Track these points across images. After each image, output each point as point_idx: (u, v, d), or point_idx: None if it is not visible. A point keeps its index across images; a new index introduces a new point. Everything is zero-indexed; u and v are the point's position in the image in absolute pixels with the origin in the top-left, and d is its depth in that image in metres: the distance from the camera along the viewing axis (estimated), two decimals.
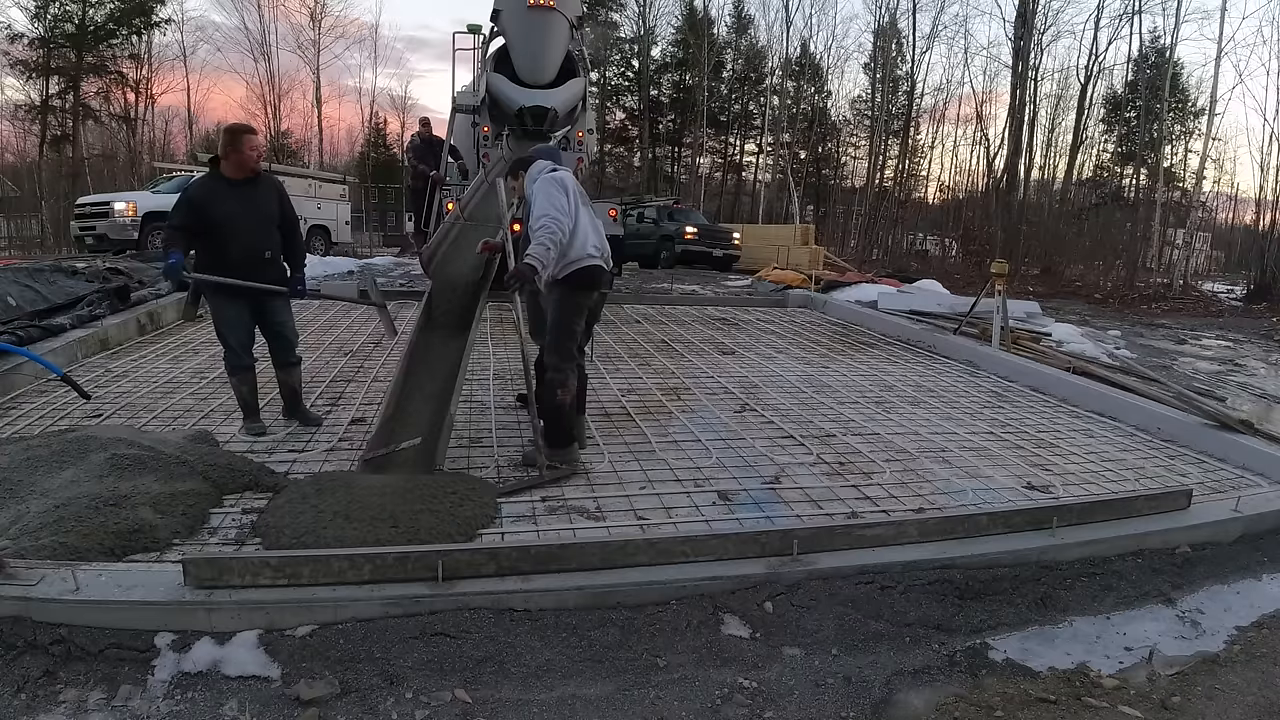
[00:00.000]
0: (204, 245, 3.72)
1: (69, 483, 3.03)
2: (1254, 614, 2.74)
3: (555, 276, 3.52)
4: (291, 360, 4.08)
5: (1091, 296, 15.98)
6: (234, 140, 3.68)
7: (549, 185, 3.53)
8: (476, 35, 10.77)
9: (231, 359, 3.89)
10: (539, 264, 3.36)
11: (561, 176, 3.62)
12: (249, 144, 3.71)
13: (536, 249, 3.37)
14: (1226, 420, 4.44)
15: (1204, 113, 23.48)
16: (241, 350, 3.88)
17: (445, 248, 5.72)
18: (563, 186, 3.55)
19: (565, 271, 3.54)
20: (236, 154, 3.67)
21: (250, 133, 3.78)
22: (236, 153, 3.67)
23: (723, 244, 17.34)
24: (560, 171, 3.68)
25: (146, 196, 14.19)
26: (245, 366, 3.91)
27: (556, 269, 3.50)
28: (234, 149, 3.67)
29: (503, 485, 3.38)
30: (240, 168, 3.70)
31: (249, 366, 3.92)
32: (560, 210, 3.45)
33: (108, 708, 1.98)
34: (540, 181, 3.58)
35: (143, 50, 28.98)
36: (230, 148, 3.67)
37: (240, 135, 3.70)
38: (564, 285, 3.58)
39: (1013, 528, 2.96)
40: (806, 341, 7.56)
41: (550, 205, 3.44)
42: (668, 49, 38.21)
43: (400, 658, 2.18)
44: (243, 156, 3.68)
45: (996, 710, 2.13)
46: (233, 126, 3.80)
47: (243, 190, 3.71)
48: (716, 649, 2.33)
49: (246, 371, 3.92)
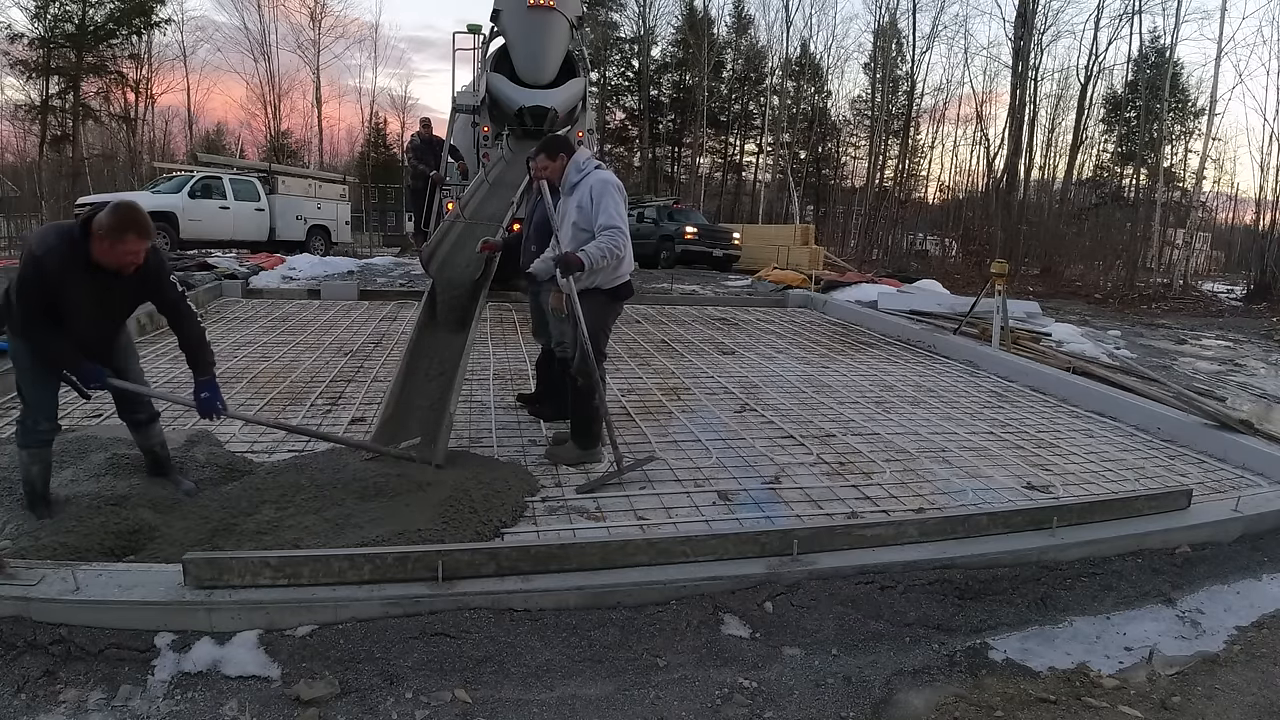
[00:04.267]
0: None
1: (69, 483, 3.04)
2: (1254, 614, 2.74)
3: (602, 286, 3.58)
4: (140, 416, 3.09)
5: (1091, 296, 15.98)
6: (117, 233, 2.53)
7: (615, 192, 3.53)
8: (476, 35, 10.78)
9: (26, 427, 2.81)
10: (590, 265, 3.41)
11: (619, 183, 3.63)
12: (130, 246, 2.57)
13: (595, 252, 3.41)
14: (1226, 420, 4.44)
15: (1204, 113, 23.49)
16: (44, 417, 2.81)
17: (445, 247, 5.73)
18: (623, 196, 3.60)
19: (613, 283, 3.62)
20: (115, 249, 2.56)
21: (139, 234, 2.58)
22: (115, 246, 2.56)
23: (723, 244, 17.33)
24: (611, 173, 3.67)
25: (146, 196, 14.22)
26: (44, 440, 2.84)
27: (605, 279, 3.56)
28: (118, 240, 2.54)
29: (583, 485, 3.46)
30: (112, 263, 2.61)
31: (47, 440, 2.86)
32: (625, 223, 3.51)
33: (108, 708, 1.98)
34: (606, 185, 3.53)
35: (143, 50, 28.97)
36: (109, 235, 2.53)
37: (125, 234, 2.54)
38: (607, 295, 3.64)
39: (1013, 528, 2.96)
40: (806, 341, 7.56)
41: (618, 216, 3.49)
42: (668, 49, 38.30)
43: (400, 658, 2.18)
44: (121, 256, 2.59)
45: (996, 710, 2.13)
46: (121, 216, 2.54)
47: (109, 278, 2.65)
48: (716, 649, 2.33)
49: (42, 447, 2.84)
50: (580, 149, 3.73)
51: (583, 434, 3.73)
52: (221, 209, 14.73)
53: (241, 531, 2.79)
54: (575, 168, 3.63)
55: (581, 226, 3.54)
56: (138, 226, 2.57)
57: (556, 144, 3.76)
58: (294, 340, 6.48)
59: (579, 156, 3.67)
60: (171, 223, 13.75)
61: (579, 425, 3.73)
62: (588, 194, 3.53)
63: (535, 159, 3.73)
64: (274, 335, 6.67)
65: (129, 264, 2.62)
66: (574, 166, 3.63)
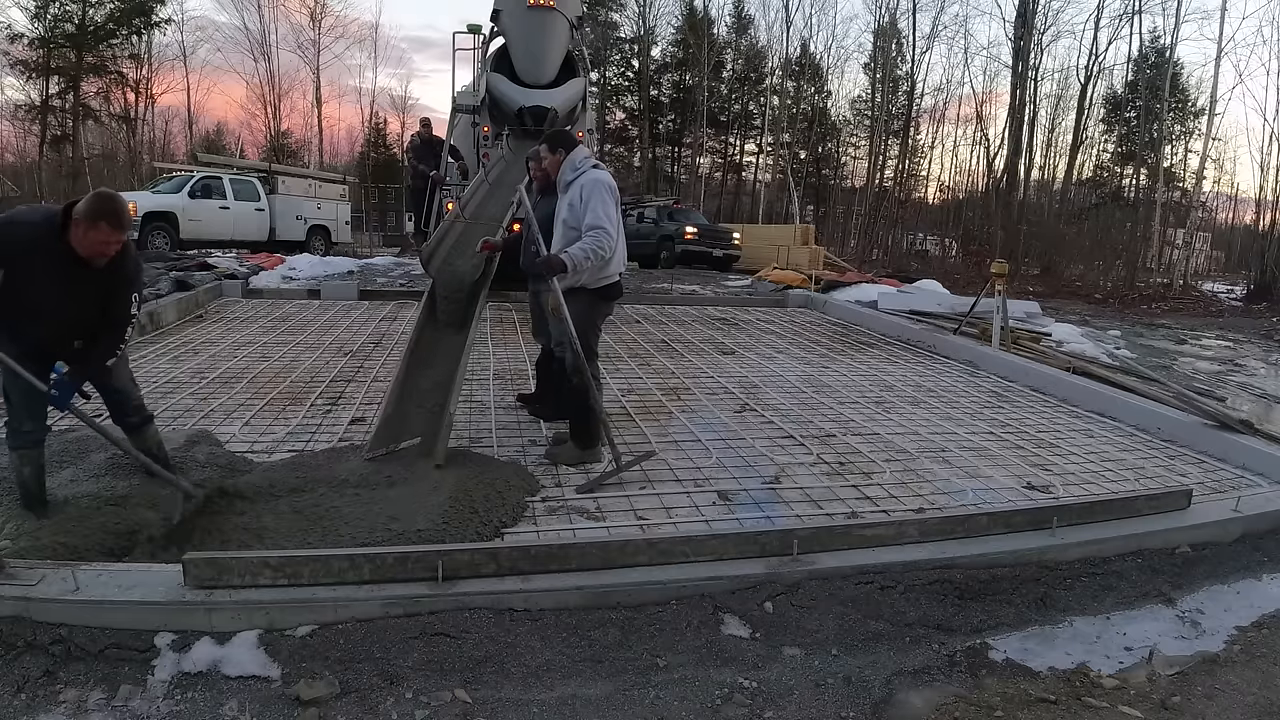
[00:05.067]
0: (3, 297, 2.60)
1: (68, 483, 3.04)
2: (1254, 614, 2.74)
3: (587, 286, 3.58)
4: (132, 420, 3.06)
5: (1091, 296, 15.99)
6: (92, 218, 2.51)
7: (605, 193, 3.52)
8: (477, 35, 10.79)
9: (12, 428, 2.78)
10: (572, 266, 3.41)
11: (611, 183, 3.61)
12: (102, 234, 2.53)
13: (578, 253, 3.41)
14: (1226, 420, 4.44)
15: (1204, 113, 23.51)
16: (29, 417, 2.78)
17: (445, 247, 5.73)
18: (614, 196, 3.58)
19: (599, 284, 3.62)
20: (89, 235, 2.53)
21: (112, 223, 2.54)
22: (88, 233, 2.53)
23: (723, 244, 17.32)
24: (606, 173, 3.66)
25: (146, 196, 14.23)
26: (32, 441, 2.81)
27: (590, 279, 3.56)
28: (91, 226, 2.51)
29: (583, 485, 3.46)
30: (85, 250, 2.57)
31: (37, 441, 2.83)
32: (612, 224, 3.50)
33: (108, 708, 1.98)
34: (596, 185, 3.52)
35: (143, 50, 29.03)
36: (84, 219, 2.51)
37: (98, 220, 2.51)
38: (594, 294, 3.65)
39: (1013, 528, 2.96)
40: (806, 341, 7.56)
41: (605, 217, 3.47)
42: (668, 49, 38.30)
43: (400, 658, 2.18)
44: (93, 244, 2.55)
45: (996, 710, 2.13)
46: (99, 202, 2.53)
47: (80, 271, 2.61)
48: (716, 649, 2.33)
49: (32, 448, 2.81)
50: (579, 147, 3.72)
51: (581, 434, 3.74)
52: (221, 209, 14.73)
53: (237, 530, 2.79)
54: (570, 166, 3.63)
55: (571, 225, 3.55)
56: (112, 215, 2.53)
57: (557, 139, 3.76)
58: (294, 340, 6.47)
59: (575, 155, 3.66)
60: (171, 223, 13.76)
61: (577, 425, 3.74)
62: (579, 193, 3.53)
63: (535, 152, 3.72)
64: (274, 335, 6.67)
65: (99, 253, 2.57)
66: (569, 165, 3.63)
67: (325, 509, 2.98)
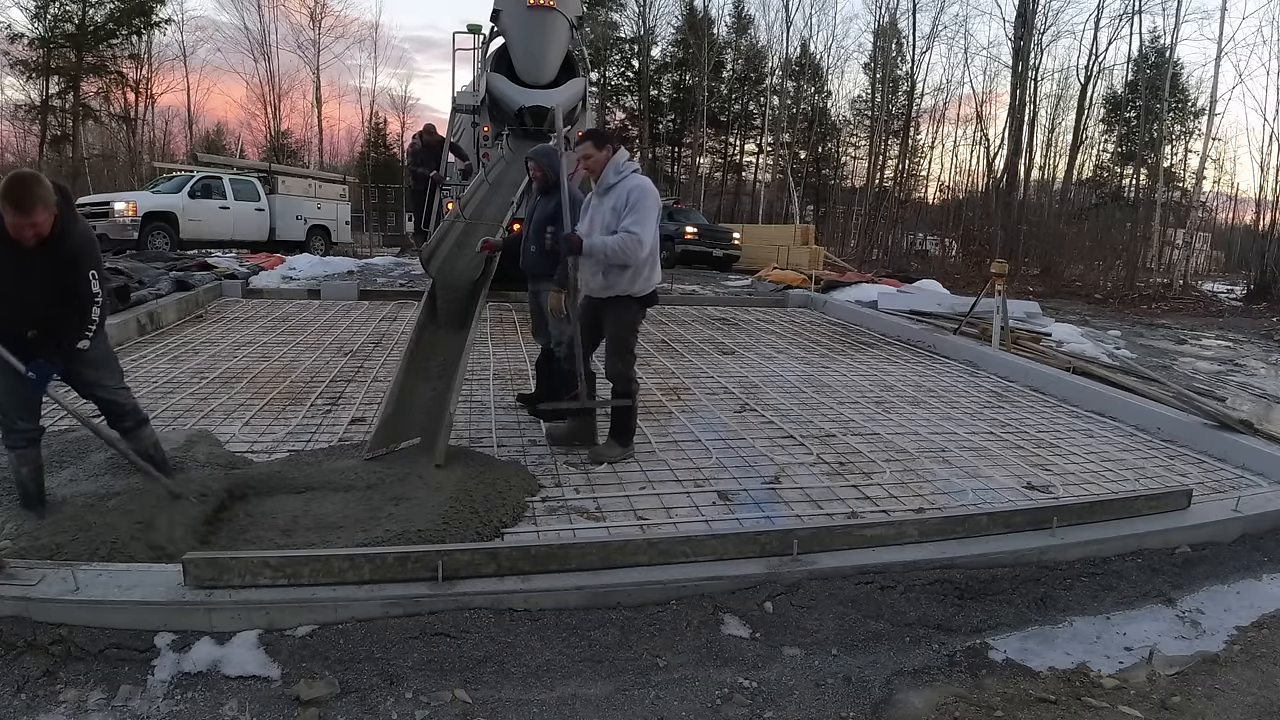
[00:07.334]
0: None
1: (68, 482, 3.04)
2: (1254, 614, 2.74)
3: (634, 294, 3.66)
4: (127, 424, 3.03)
5: (1091, 296, 15.99)
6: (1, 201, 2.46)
7: (653, 204, 3.57)
8: (477, 35, 10.80)
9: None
10: (588, 250, 3.49)
11: (658, 194, 3.68)
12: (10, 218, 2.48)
13: (600, 244, 3.48)
14: (1226, 420, 4.44)
15: (1204, 113, 23.50)
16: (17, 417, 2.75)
17: (445, 247, 5.73)
18: (659, 208, 3.65)
19: (645, 290, 3.70)
20: (6, 219, 2.49)
21: (15, 208, 2.46)
22: (5, 216, 2.49)
23: (723, 244, 17.34)
24: (649, 181, 3.68)
25: (146, 196, 14.23)
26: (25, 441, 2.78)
27: (635, 287, 3.62)
28: (3, 210, 2.47)
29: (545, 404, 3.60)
30: (11, 233, 2.54)
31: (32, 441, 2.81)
32: (648, 238, 3.53)
33: (108, 708, 1.98)
34: (645, 194, 3.54)
35: (143, 50, 29.04)
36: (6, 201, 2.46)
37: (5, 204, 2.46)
38: (640, 302, 3.74)
39: (1013, 528, 2.96)
40: (806, 341, 7.56)
41: (649, 228, 3.53)
42: (668, 49, 38.33)
43: (400, 658, 2.18)
44: (11, 228, 2.51)
45: (996, 710, 2.13)
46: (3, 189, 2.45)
47: (18, 251, 2.57)
48: (716, 649, 2.33)
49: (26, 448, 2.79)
50: (621, 149, 3.73)
51: (622, 432, 3.87)
52: (221, 209, 14.73)
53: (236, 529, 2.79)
54: (614, 169, 3.62)
55: (612, 230, 3.54)
56: (12, 200, 2.44)
57: (604, 136, 3.78)
58: (294, 340, 6.47)
59: (620, 157, 3.67)
60: (171, 223, 13.75)
61: (619, 422, 3.86)
62: (624, 198, 3.53)
63: (579, 146, 3.74)
64: (274, 335, 6.67)
65: (20, 236, 2.51)
66: (613, 167, 3.63)
67: (325, 509, 2.98)
